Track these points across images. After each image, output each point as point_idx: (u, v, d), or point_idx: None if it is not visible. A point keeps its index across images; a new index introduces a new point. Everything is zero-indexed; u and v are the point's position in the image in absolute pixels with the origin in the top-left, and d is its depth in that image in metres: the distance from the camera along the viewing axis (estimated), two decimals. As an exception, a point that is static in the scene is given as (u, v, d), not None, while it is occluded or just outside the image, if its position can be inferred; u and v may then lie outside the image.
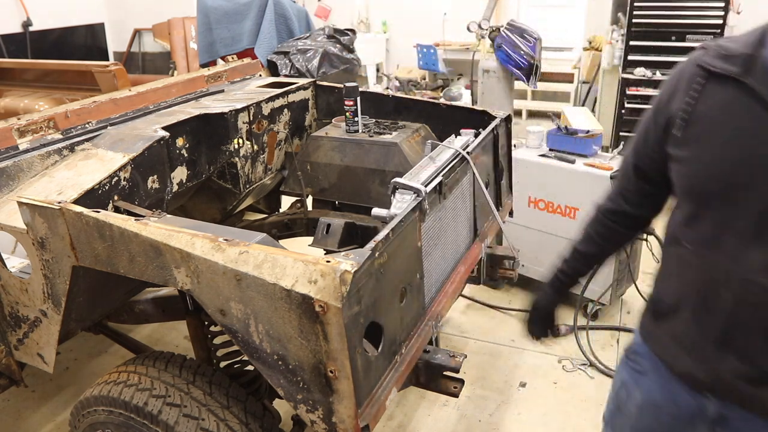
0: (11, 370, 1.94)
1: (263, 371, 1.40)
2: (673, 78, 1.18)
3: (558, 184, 3.15)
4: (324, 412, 1.35)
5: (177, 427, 1.55)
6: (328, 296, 1.22)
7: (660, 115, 1.18)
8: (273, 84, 2.92)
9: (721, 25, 4.84)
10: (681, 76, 1.15)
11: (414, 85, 7.43)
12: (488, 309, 3.41)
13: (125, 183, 1.91)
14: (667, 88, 1.19)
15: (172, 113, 2.36)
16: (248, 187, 2.59)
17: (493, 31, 4.80)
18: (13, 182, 1.87)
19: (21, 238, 1.66)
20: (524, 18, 7.32)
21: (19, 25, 7.70)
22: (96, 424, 1.72)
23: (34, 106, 3.45)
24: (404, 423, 2.58)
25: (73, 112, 2.14)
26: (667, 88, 1.18)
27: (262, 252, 1.30)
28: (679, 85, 1.14)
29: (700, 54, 1.13)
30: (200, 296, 1.40)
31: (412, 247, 1.69)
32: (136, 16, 8.54)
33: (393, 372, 1.58)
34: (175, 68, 6.69)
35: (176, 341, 3.18)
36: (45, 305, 1.71)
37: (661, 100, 1.19)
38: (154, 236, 1.40)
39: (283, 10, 5.66)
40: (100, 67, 3.47)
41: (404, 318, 1.67)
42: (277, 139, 2.71)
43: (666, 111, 1.16)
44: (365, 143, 2.56)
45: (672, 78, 1.19)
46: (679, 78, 1.15)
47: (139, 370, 1.70)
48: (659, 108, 1.19)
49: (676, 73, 1.18)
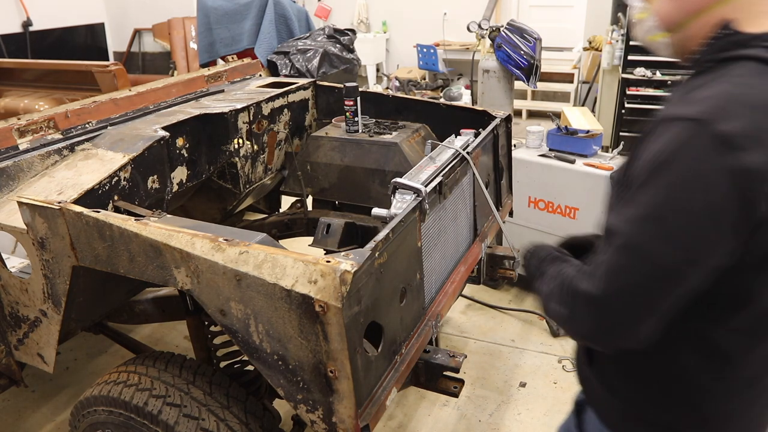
0: (11, 370, 1.94)
1: (263, 371, 1.40)
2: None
3: (558, 184, 3.15)
4: (324, 412, 1.35)
5: (177, 427, 1.55)
6: (328, 296, 1.22)
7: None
8: (273, 84, 2.92)
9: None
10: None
11: (414, 85, 7.43)
12: (488, 309, 3.41)
13: (125, 183, 1.91)
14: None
15: (172, 113, 2.35)
16: (248, 187, 2.59)
17: (493, 31, 4.80)
18: (13, 182, 1.87)
19: (21, 238, 1.66)
20: (524, 18, 7.32)
21: (19, 25, 7.70)
22: (96, 424, 1.72)
23: (34, 106, 3.45)
24: (404, 423, 2.58)
25: (73, 112, 2.14)
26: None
27: (262, 252, 1.30)
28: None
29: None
30: (200, 296, 1.40)
31: (412, 247, 1.69)
32: (136, 16, 8.55)
33: (393, 372, 1.58)
34: (175, 68, 6.69)
35: (176, 341, 3.18)
36: (45, 305, 1.71)
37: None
38: (154, 236, 1.40)
39: (283, 10, 5.67)
40: (100, 67, 3.47)
41: (404, 318, 1.67)
42: (277, 139, 2.71)
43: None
44: (365, 143, 2.56)
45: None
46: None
47: (139, 370, 1.70)
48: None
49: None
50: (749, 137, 0.79)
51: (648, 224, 0.84)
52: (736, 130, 0.79)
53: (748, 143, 0.78)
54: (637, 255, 0.86)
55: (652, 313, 0.88)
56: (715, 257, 0.84)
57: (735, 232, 0.82)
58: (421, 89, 7.34)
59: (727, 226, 0.81)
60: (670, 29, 0.99)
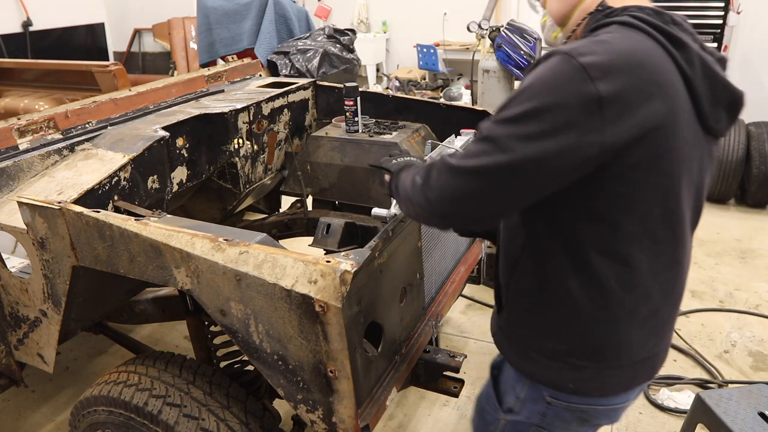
0: (11, 370, 1.95)
1: (263, 371, 1.40)
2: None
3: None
4: (324, 412, 1.35)
5: (177, 427, 1.55)
6: (328, 296, 1.22)
7: None
8: (273, 84, 2.92)
9: (721, 25, 4.84)
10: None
11: (414, 85, 7.42)
12: (488, 309, 3.41)
13: (125, 183, 1.91)
14: None
15: (172, 113, 2.36)
16: (248, 187, 2.59)
17: (493, 31, 4.81)
18: (13, 182, 1.87)
19: (21, 238, 1.66)
20: (524, 18, 7.31)
21: (19, 25, 7.69)
22: (96, 424, 1.72)
23: (34, 106, 3.45)
24: (404, 423, 2.58)
25: (73, 112, 2.14)
26: None
27: (262, 252, 1.30)
28: None
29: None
30: (200, 296, 1.40)
31: (412, 247, 1.69)
32: (136, 16, 8.55)
33: (393, 372, 1.58)
34: (175, 68, 6.69)
35: (176, 341, 3.18)
36: (45, 305, 1.71)
37: None
38: (154, 236, 1.41)
39: (283, 10, 5.67)
40: (100, 67, 3.47)
41: (404, 318, 1.67)
42: (277, 139, 2.72)
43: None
44: (365, 143, 2.56)
45: None
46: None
47: (139, 370, 1.70)
48: None
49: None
50: (603, 70, 0.97)
51: (509, 124, 1.02)
52: (594, 62, 0.98)
53: (601, 74, 0.97)
54: (492, 144, 1.03)
55: (499, 197, 1.06)
56: (561, 168, 1.00)
57: (582, 147, 0.98)
58: (421, 89, 7.33)
59: (574, 140, 0.98)
60: (561, 23, 1.23)
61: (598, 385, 1.21)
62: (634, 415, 2.51)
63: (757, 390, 2.02)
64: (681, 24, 1.10)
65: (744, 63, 5.57)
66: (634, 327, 1.17)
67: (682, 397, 2.59)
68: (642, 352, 1.21)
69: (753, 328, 3.15)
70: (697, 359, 2.89)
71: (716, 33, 4.84)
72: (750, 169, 4.48)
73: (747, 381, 2.72)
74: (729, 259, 3.91)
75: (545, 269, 1.17)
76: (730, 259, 3.90)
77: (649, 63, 1.03)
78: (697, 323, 3.21)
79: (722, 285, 3.59)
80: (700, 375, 2.79)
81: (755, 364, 2.87)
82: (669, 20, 1.09)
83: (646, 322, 1.18)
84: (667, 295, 1.20)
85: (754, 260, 3.88)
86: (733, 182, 4.54)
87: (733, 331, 3.13)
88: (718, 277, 3.68)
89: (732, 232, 4.29)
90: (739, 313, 3.29)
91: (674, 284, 1.21)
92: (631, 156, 1.02)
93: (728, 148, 4.47)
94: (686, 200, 1.13)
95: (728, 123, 1.16)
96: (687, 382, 2.73)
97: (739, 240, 4.17)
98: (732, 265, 3.83)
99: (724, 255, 3.96)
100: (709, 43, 4.93)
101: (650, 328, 1.20)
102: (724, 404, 1.95)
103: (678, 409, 2.54)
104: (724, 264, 3.84)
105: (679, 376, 2.76)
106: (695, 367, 2.86)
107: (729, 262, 3.86)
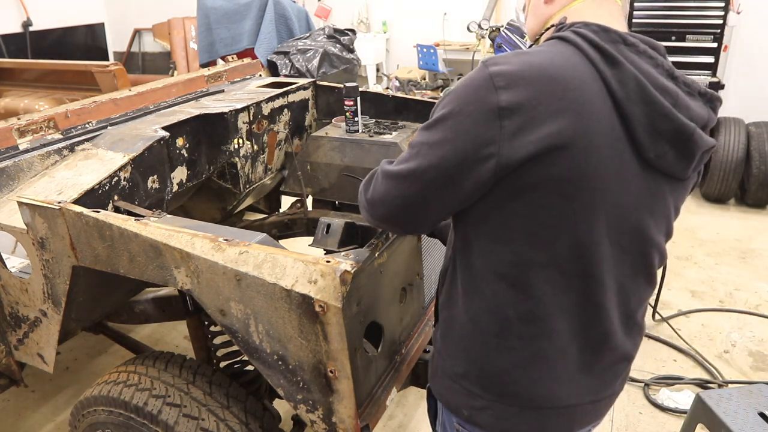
0: (11, 370, 1.95)
1: (263, 371, 1.40)
2: None
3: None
4: (324, 412, 1.35)
5: (177, 427, 1.55)
6: (328, 296, 1.22)
7: None
8: (273, 84, 2.92)
9: (721, 25, 4.84)
10: None
11: (414, 85, 7.42)
12: (488, 309, 3.41)
13: (125, 183, 1.91)
14: None
15: (172, 113, 2.36)
16: (248, 187, 2.59)
17: (493, 31, 4.81)
18: (13, 182, 1.87)
19: (21, 238, 1.66)
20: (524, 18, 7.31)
21: (19, 25, 7.70)
22: (96, 424, 1.72)
23: (34, 106, 3.45)
24: (404, 423, 2.58)
25: (73, 112, 2.14)
26: None
27: (262, 252, 1.30)
28: None
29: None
30: (200, 296, 1.40)
31: (412, 247, 1.69)
32: (136, 16, 8.55)
33: (393, 372, 1.58)
34: (175, 68, 6.69)
35: (176, 341, 3.18)
36: (45, 305, 1.71)
37: None
38: (154, 236, 1.41)
39: (283, 10, 5.67)
40: (100, 67, 3.47)
41: (404, 318, 1.67)
42: (277, 139, 2.72)
43: None
44: (365, 143, 2.56)
45: None
46: None
47: (139, 370, 1.70)
48: None
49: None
50: (509, 79, 0.94)
51: (423, 130, 1.04)
52: (502, 71, 0.95)
53: (506, 84, 0.94)
54: (411, 150, 1.06)
55: (418, 203, 1.06)
56: (460, 177, 0.99)
57: (480, 158, 0.96)
58: (421, 89, 7.33)
59: (471, 150, 0.96)
60: (534, 40, 1.24)
61: (492, 421, 1.12)
62: (634, 415, 2.51)
63: (757, 390, 2.02)
64: (634, 45, 1.00)
65: (744, 63, 5.57)
66: (541, 366, 1.07)
67: (682, 397, 2.60)
68: (564, 398, 1.10)
69: (753, 328, 3.15)
70: (697, 359, 2.89)
71: (716, 33, 4.84)
72: (750, 169, 4.49)
73: (747, 381, 2.72)
74: (729, 259, 3.91)
75: (456, 284, 1.14)
76: (730, 259, 3.90)
77: (566, 78, 0.95)
78: (697, 323, 3.21)
79: (722, 285, 3.59)
80: (700, 375, 2.79)
81: (755, 364, 2.87)
82: (617, 39, 0.99)
83: (555, 363, 1.08)
84: (579, 338, 1.08)
85: (754, 260, 3.88)
86: (733, 182, 4.55)
87: (733, 331, 3.13)
88: (718, 277, 3.68)
89: (732, 232, 4.30)
90: (739, 313, 3.29)
91: (591, 328, 1.08)
92: (530, 174, 0.95)
93: (728, 148, 4.48)
94: (606, 236, 1.02)
95: (680, 161, 1.02)
96: (687, 382, 2.73)
97: (739, 240, 4.17)
98: (732, 265, 3.83)
99: (724, 255, 3.96)
100: (708, 43, 4.98)
101: (562, 371, 1.09)
102: (724, 404, 1.95)
103: (678, 409, 2.54)
104: (724, 264, 3.85)
105: (679, 376, 2.76)
106: (695, 367, 2.86)
107: (729, 262, 3.86)
